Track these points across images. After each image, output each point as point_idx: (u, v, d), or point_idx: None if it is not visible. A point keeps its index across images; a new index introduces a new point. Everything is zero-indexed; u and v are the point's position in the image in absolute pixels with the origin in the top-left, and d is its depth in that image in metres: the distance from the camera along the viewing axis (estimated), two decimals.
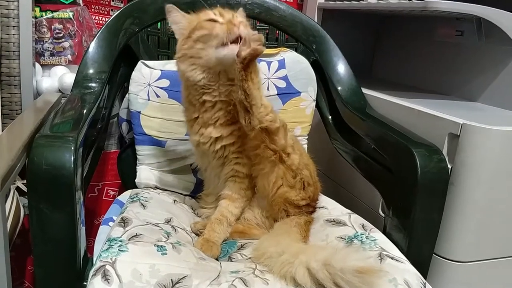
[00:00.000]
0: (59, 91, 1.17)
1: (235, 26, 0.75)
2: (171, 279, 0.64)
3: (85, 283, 0.67)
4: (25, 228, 1.02)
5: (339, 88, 1.12)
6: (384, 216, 0.91)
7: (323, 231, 0.84)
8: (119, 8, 1.06)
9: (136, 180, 1.02)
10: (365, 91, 1.15)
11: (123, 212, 0.84)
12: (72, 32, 1.21)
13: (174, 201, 0.98)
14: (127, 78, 1.03)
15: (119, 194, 1.13)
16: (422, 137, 0.91)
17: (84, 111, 0.82)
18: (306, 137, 1.12)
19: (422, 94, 1.24)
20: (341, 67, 1.14)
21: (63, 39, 1.20)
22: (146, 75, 1.00)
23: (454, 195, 0.88)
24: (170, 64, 1.03)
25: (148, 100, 1.00)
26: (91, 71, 0.97)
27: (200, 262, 0.73)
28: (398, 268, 0.71)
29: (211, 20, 0.78)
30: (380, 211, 1.06)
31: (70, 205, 0.66)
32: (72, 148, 0.67)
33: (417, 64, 1.38)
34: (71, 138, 0.69)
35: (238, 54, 0.73)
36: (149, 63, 1.02)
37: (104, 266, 0.64)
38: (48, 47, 1.19)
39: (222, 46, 0.76)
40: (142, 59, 1.03)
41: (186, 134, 0.97)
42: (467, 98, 1.18)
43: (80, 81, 0.96)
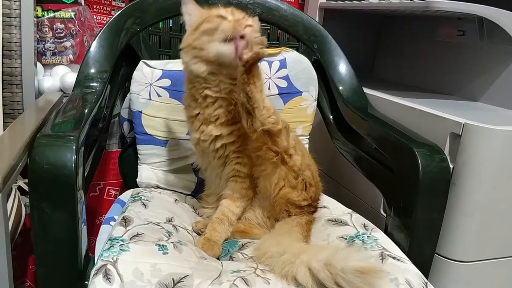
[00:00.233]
0: (61, 90, 1.17)
1: (241, 25, 0.76)
2: (173, 279, 0.64)
3: (86, 283, 0.68)
4: (26, 228, 1.02)
5: (340, 87, 1.12)
6: (386, 216, 0.91)
7: (325, 230, 0.84)
8: (121, 8, 1.07)
9: (137, 180, 1.02)
10: (366, 90, 1.15)
11: (124, 212, 0.84)
12: (74, 32, 1.21)
13: (175, 200, 0.98)
14: (128, 78, 1.03)
15: (120, 193, 1.14)
16: (424, 136, 0.90)
17: (86, 111, 0.83)
18: (307, 137, 1.12)
19: (424, 93, 1.24)
20: (342, 67, 1.14)
21: (65, 39, 1.20)
22: (147, 75, 1.00)
23: (456, 194, 0.88)
24: (171, 64, 1.03)
25: (150, 99, 1.00)
26: (92, 71, 0.97)
27: (202, 262, 0.73)
28: (400, 267, 0.71)
29: (221, 16, 0.79)
30: (381, 211, 1.06)
31: (72, 204, 0.66)
32: (74, 148, 0.67)
33: (418, 64, 1.38)
34: (72, 137, 0.69)
35: (241, 57, 0.73)
36: (150, 62, 1.02)
37: (105, 265, 0.64)
38: (49, 47, 1.19)
39: (225, 41, 0.76)
40: (143, 59, 1.03)
41: (187, 134, 0.97)
42: (469, 98, 1.18)
43: (82, 80, 0.96)
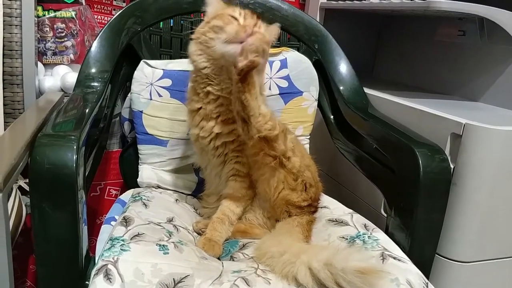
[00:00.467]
0: (62, 90, 1.17)
1: (246, 31, 0.75)
2: (173, 279, 0.64)
3: (87, 283, 0.68)
4: (27, 227, 1.02)
5: (341, 87, 1.12)
6: (386, 216, 0.91)
7: (325, 230, 0.84)
8: (121, 8, 1.07)
9: (138, 180, 1.02)
10: (367, 90, 1.15)
11: (125, 212, 0.84)
12: (75, 32, 1.21)
13: (176, 200, 0.98)
14: (129, 78, 1.03)
15: (121, 193, 1.14)
16: (425, 137, 0.90)
17: (86, 111, 0.82)
18: (308, 136, 1.11)
19: (424, 94, 1.24)
20: (343, 67, 1.14)
21: (66, 39, 1.20)
22: (148, 75, 1.00)
23: (457, 195, 0.88)
24: (172, 64, 1.03)
25: (150, 99, 1.00)
26: (93, 71, 0.97)
27: (202, 262, 0.73)
28: (400, 268, 0.71)
29: (232, 16, 0.78)
30: (382, 211, 1.06)
31: (72, 204, 0.66)
32: (75, 147, 0.67)
33: (419, 64, 1.38)
34: (73, 137, 0.69)
35: (235, 65, 0.73)
36: (151, 62, 1.02)
37: (106, 265, 0.64)
38: (50, 46, 1.19)
39: (229, 43, 0.76)
40: (144, 59, 1.03)
41: (188, 134, 0.97)
42: (469, 98, 1.18)
43: (82, 80, 0.96)
